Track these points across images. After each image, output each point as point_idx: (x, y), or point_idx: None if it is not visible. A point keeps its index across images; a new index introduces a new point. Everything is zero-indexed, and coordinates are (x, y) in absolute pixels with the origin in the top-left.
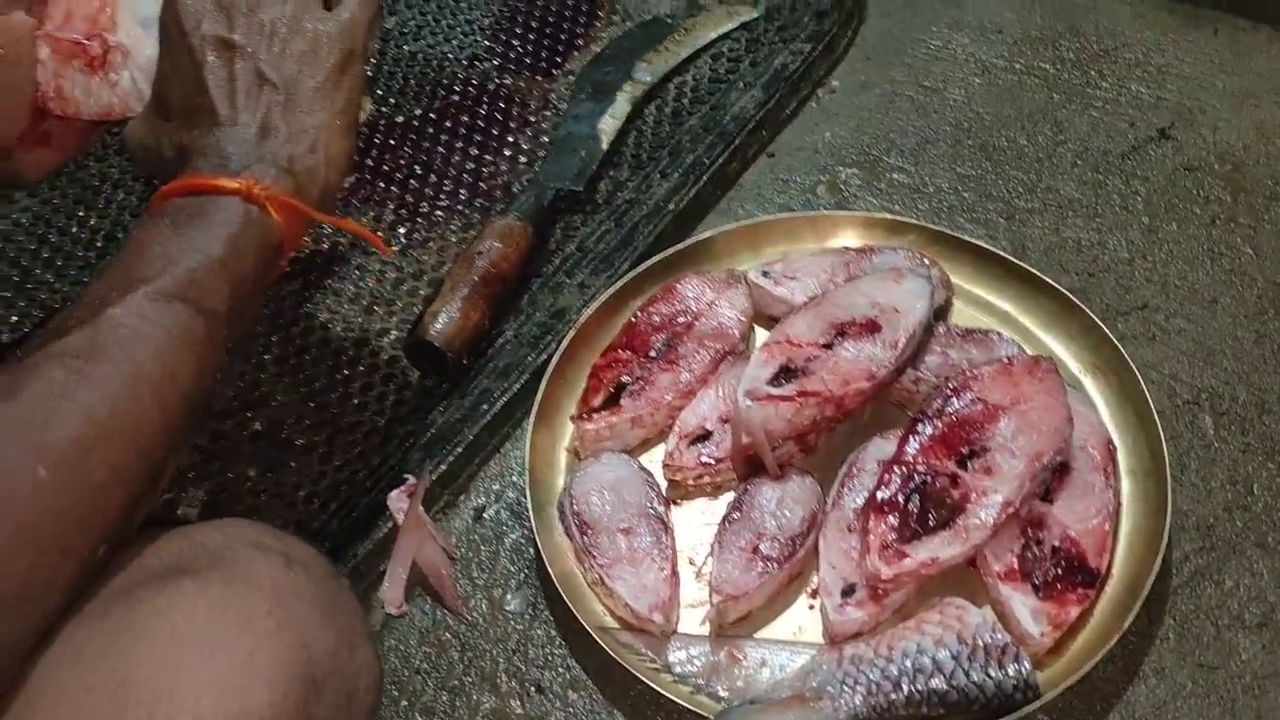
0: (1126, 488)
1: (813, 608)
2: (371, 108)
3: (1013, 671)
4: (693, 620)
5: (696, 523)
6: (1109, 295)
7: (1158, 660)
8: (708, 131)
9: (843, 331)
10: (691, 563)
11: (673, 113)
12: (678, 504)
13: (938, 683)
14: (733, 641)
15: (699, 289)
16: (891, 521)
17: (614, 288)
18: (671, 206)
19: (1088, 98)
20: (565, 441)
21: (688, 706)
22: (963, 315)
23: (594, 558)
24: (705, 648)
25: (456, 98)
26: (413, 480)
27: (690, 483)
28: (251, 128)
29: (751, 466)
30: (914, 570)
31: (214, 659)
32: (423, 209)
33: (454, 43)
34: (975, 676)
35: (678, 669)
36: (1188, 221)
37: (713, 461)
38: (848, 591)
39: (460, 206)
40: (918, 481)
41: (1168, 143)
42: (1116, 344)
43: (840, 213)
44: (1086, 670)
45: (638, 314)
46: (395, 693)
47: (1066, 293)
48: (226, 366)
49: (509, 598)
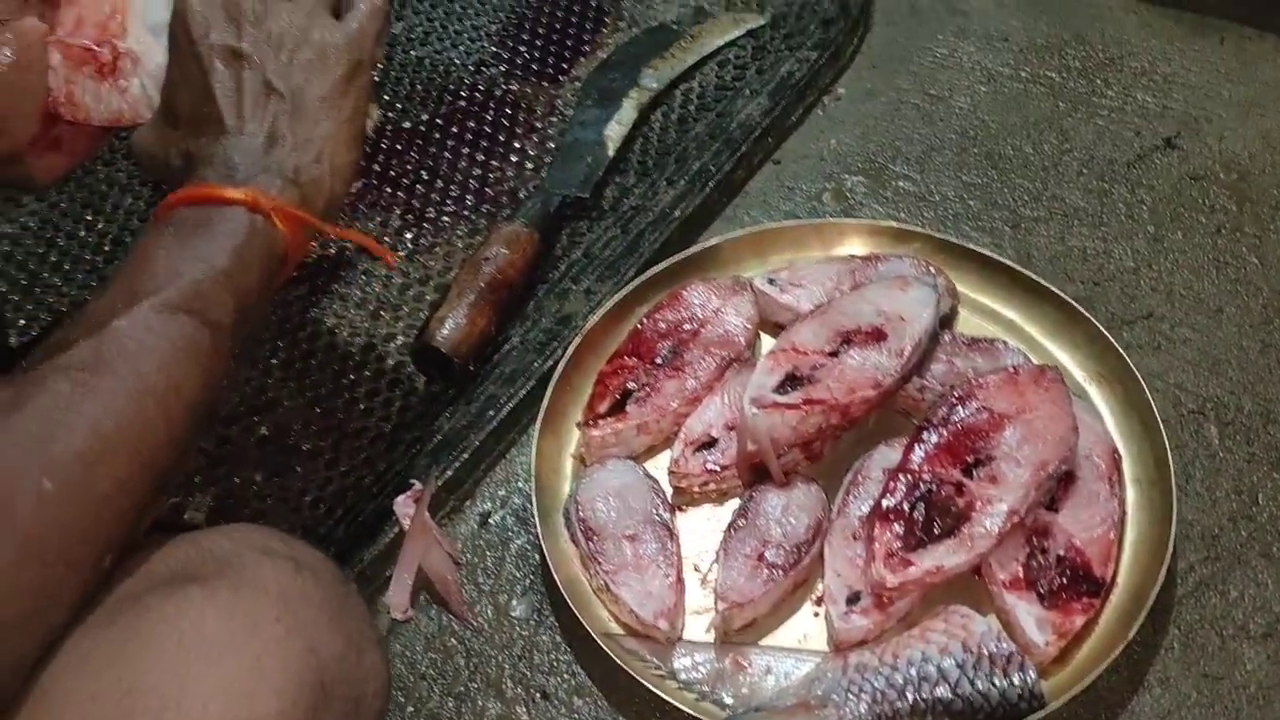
0: (1132, 497)
1: (818, 615)
2: (379, 116)
3: (1018, 680)
4: (698, 627)
5: (702, 529)
6: (1114, 304)
7: (1162, 670)
8: (714, 139)
9: (848, 339)
10: (697, 569)
11: (679, 119)
12: (683, 510)
13: (943, 691)
14: (738, 648)
15: (705, 296)
16: (897, 529)
17: (620, 294)
18: (678, 213)
19: (1093, 106)
20: (571, 448)
21: (692, 713)
22: (968, 324)
23: (599, 564)
24: (710, 654)
25: (463, 103)
26: (419, 486)
27: (696, 489)
28: (258, 137)
29: (757, 474)
30: (919, 578)
31: (221, 665)
32: (429, 214)
33: (461, 48)
34: (980, 685)
35: (683, 676)
36: (1193, 231)
37: (718, 468)
38: (853, 599)
39: (467, 212)
40: (923, 490)
41: (1173, 152)
42: (1122, 353)
43: (846, 220)
44: (1091, 680)
45: (644, 321)
46: (401, 699)
47: (1072, 301)
48: (232, 373)
49: (514, 603)
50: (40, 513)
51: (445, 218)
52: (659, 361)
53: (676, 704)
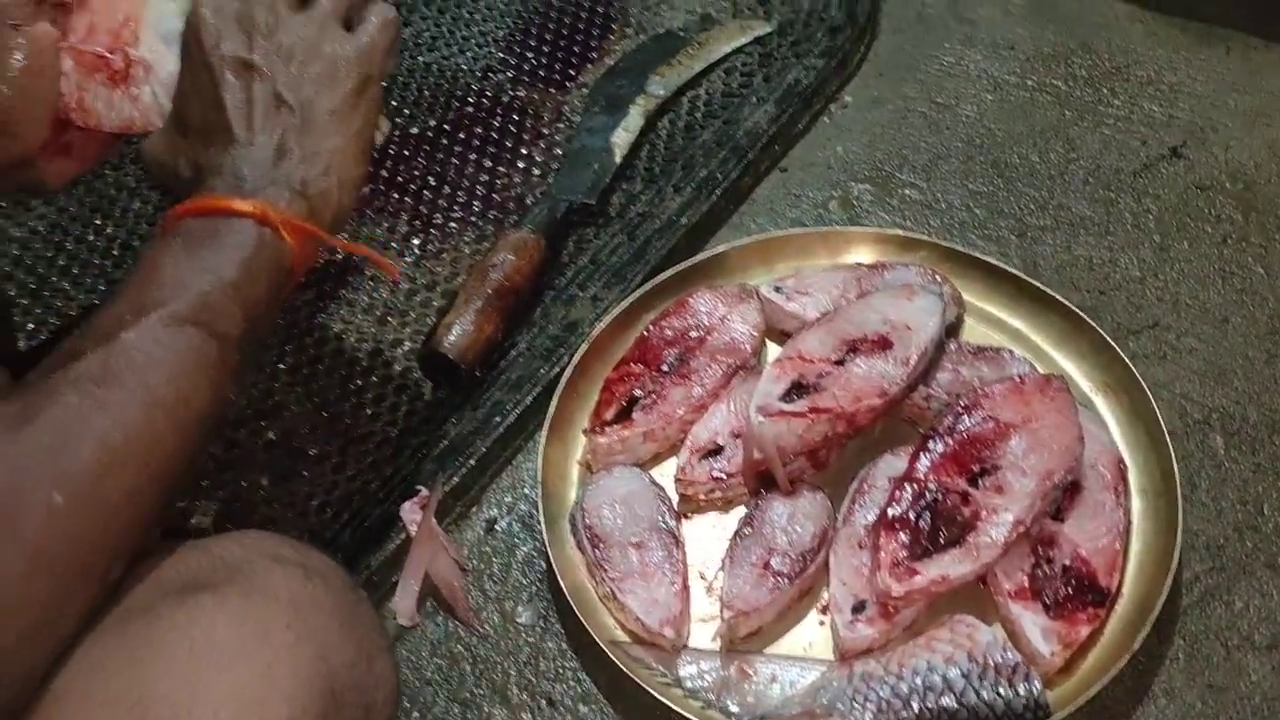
0: (1137, 507)
1: (823, 624)
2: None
3: (1023, 691)
4: (703, 635)
5: (707, 537)
6: (1120, 314)
7: (1167, 680)
8: (720, 146)
9: (855, 348)
10: (702, 577)
11: (685, 126)
12: (688, 518)
13: (948, 701)
14: (743, 657)
15: (711, 303)
16: (902, 539)
17: (626, 301)
18: (684, 220)
19: (1100, 115)
20: (577, 454)
21: None
22: (974, 332)
23: (606, 571)
24: (716, 663)
25: (470, 109)
26: (425, 492)
27: (702, 497)
28: (267, 149)
29: (763, 482)
30: (924, 588)
31: (232, 672)
32: (436, 220)
33: (468, 54)
34: (986, 695)
35: (688, 684)
36: (1199, 240)
37: (724, 476)
38: (858, 608)
39: (473, 218)
40: (929, 499)
41: (1179, 161)
42: (1128, 363)
43: (852, 228)
44: (1096, 690)
45: (650, 328)
46: (407, 704)
47: (1078, 311)
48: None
49: (520, 610)
50: (50, 525)
51: (452, 224)
52: (665, 369)
53: (682, 712)
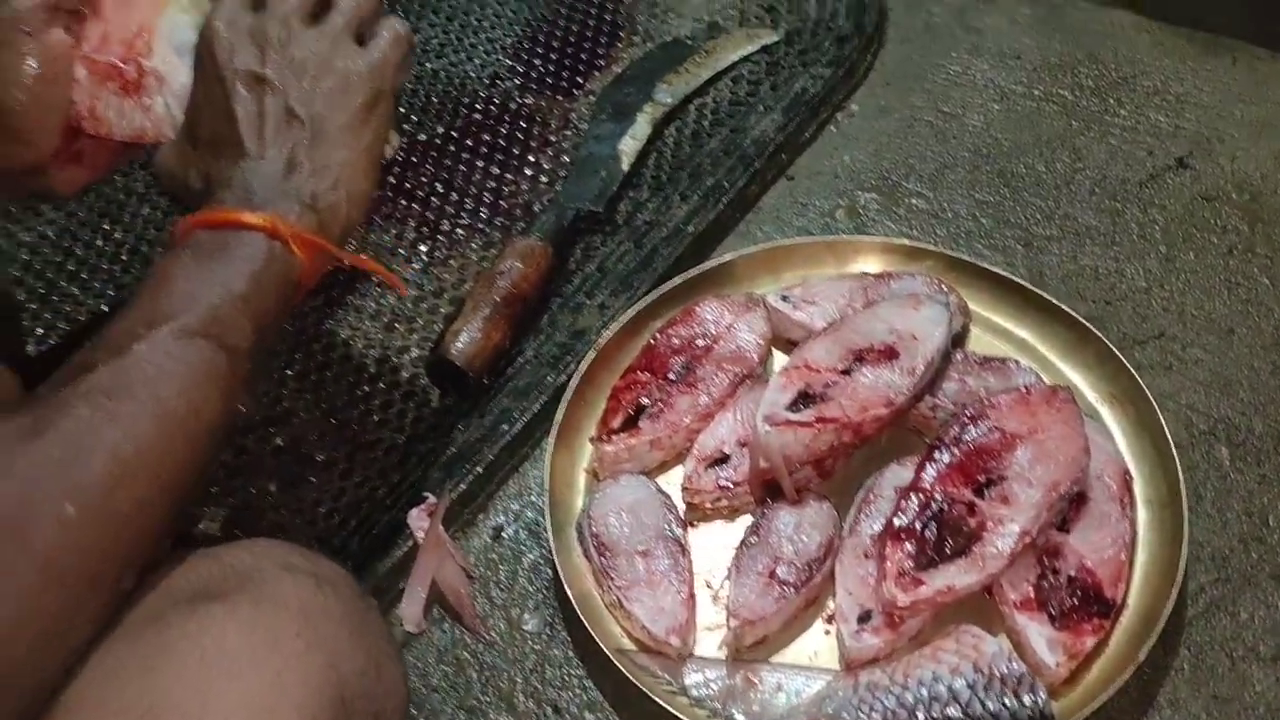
0: (1143, 518)
1: (828, 633)
2: (399, 142)
3: (1028, 701)
4: (709, 643)
5: (713, 545)
6: (1126, 324)
7: (1172, 691)
8: (728, 154)
9: (861, 357)
10: (708, 586)
11: (693, 134)
12: (695, 526)
13: (953, 711)
14: (749, 666)
15: (718, 312)
16: (908, 549)
17: (633, 309)
18: (691, 229)
19: (1106, 125)
20: (584, 462)
21: None
22: (980, 342)
23: (612, 579)
24: (722, 671)
25: (478, 116)
26: (433, 499)
27: (708, 505)
28: (278, 163)
29: (769, 491)
30: (930, 598)
31: (243, 680)
32: (444, 227)
33: (476, 61)
34: (991, 706)
35: (694, 692)
36: (1205, 251)
37: (731, 485)
38: (864, 618)
39: (481, 225)
40: (934, 509)
41: (1186, 172)
42: (1134, 374)
43: (859, 238)
44: (1102, 701)
45: (657, 336)
46: (413, 711)
47: (1084, 321)
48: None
49: (527, 618)
50: (62, 536)
51: (460, 230)
52: (672, 377)
53: None
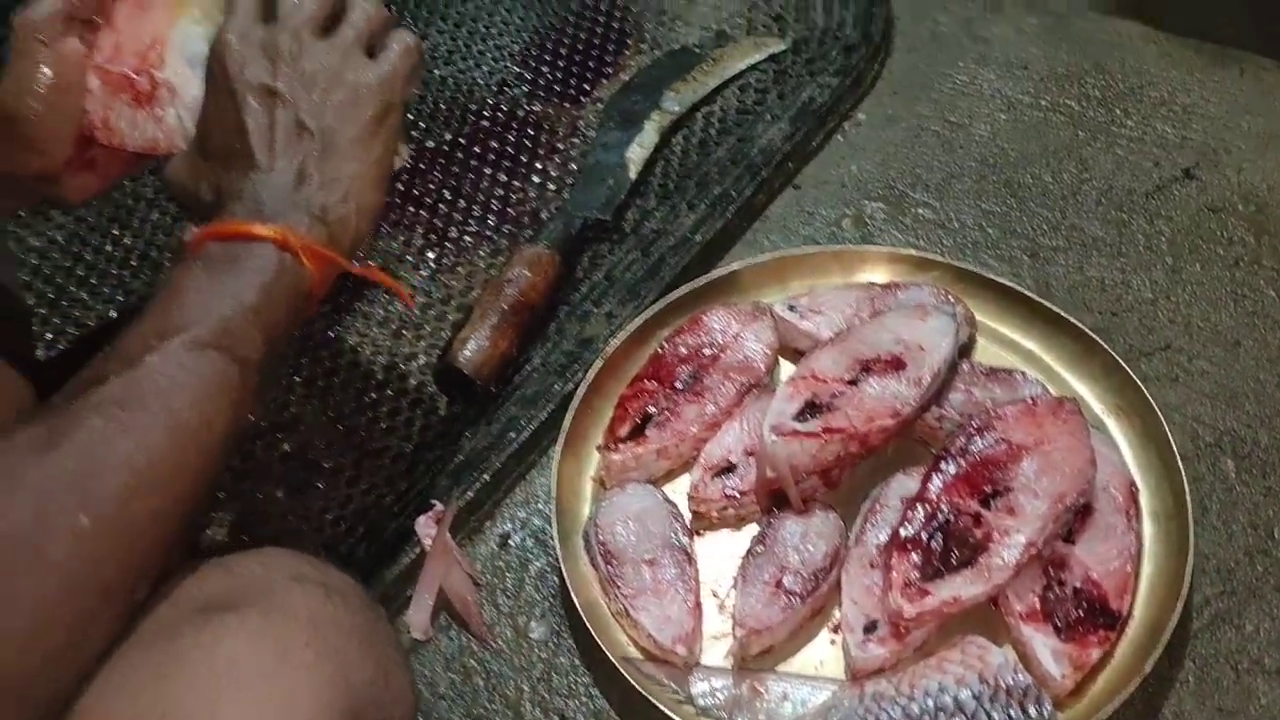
0: (1148, 530)
1: (834, 643)
2: (409, 154)
3: (1034, 713)
4: (716, 652)
5: (719, 554)
6: (1132, 335)
7: (1177, 704)
8: (735, 164)
9: (868, 368)
10: (715, 595)
11: (700, 143)
12: (700, 535)
13: None
14: (755, 675)
15: (725, 321)
16: (914, 559)
17: (641, 318)
18: (698, 237)
19: (1113, 136)
20: (591, 470)
21: None
22: (986, 352)
23: (619, 588)
24: (728, 680)
25: (486, 123)
26: (440, 506)
27: (714, 514)
28: (288, 175)
29: (775, 500)
30: (936, 609)
31: (253, 691)
32: (452, 234)
33: (484, 68)
34: (997, 717)
35: (700, 701)
36: (1211, 263)
37: (737, 494)
38: (870, 628)
39: (489, 232)
40: (941, 520)
41: (1192, 183)
42: (1140, 385)
43: (866, 247)
44: (1107, 713)
45: (664, 345)
46: (420, 718)
47: (1090, 333)
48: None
49: (533, 625)
50: (77, 547)
51: (467, 237)
52: (679, 386)
53: None
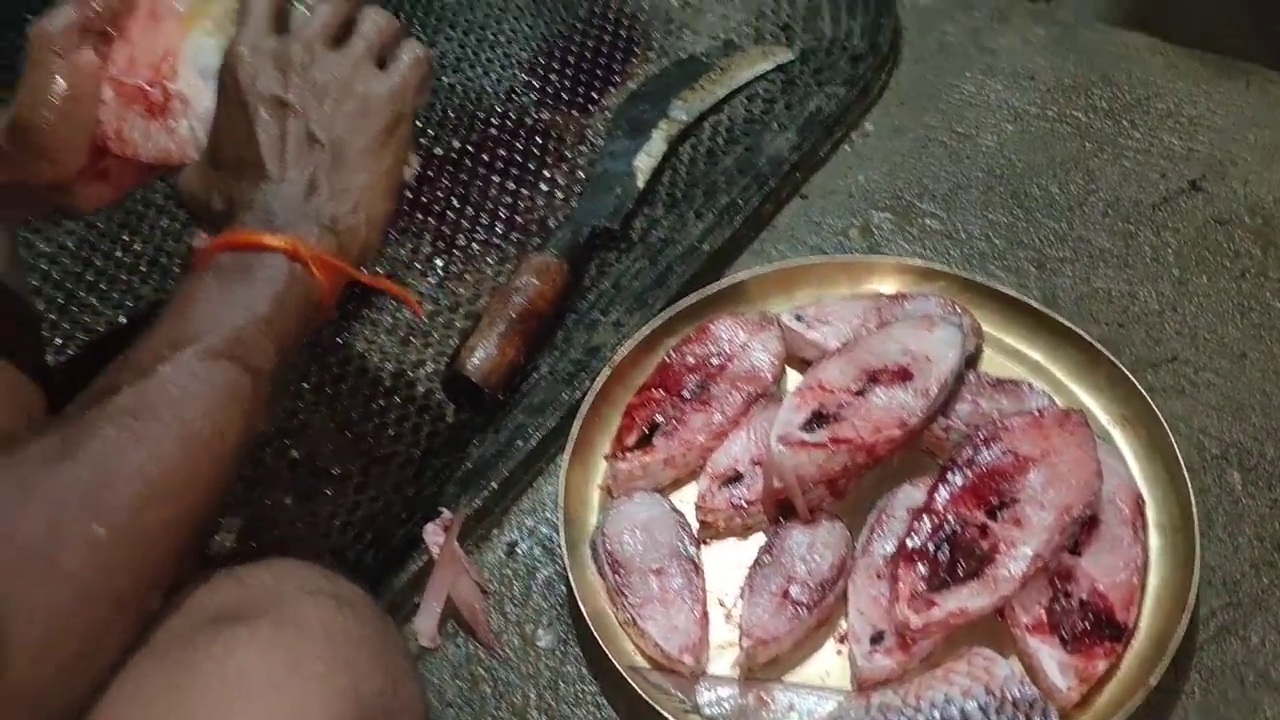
0: (1155, 542)
1: (841, 653)
2: (418, 164)
3: None
4: (722, 662)
5: (726, 564)
6: (1139, 347)
7: (1183, 716)
8: (743, 173)
9: (875, 378)
10: (721, 604)
11: (708, 152)
12: (707, 544)
13: None
14: (762, 685)
15: (732, 330)
16: (921, 570)
17: (648, 327)
18: (706, 246)
19: (1119, 147)
20: (598, 479)
21: None
22: (992, 363)
23: (626, 597)
24: (734, 690)
25: (494, 131)
26: (448, 514)
27: (721, 524)
28: (298, 185)
29: (782, 510)
30: (943, 620)
31: (264, 702)
32: (459, 242)
33: (492, 76)
34: None
35: (707, 711)
36: (1218, 275)
37: (744, 504)
38: (876, 638)
39: (496, 240)
40: (947, 531)
41: (1199, 195)
42: (1146, 397)
43: (874, 258)
44: None
45: (671, 354)
46: None
47: (1096, 344)
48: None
49: (541, 634)
50: (91, 557)
51: (475, 245)
52: (686, 395)
53: None
